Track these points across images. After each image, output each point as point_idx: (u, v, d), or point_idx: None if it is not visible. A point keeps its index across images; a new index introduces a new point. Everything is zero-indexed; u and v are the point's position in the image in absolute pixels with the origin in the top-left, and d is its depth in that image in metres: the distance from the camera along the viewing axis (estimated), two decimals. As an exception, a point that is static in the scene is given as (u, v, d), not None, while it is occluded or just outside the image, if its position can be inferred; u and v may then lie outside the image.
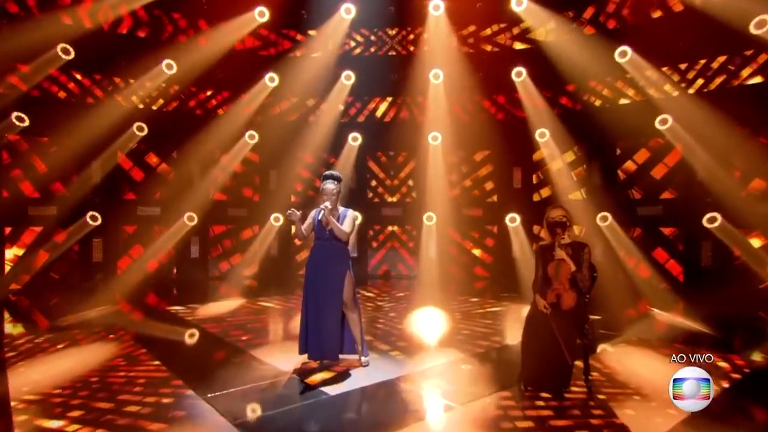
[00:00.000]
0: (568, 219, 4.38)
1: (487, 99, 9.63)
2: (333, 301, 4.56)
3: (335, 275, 4.54)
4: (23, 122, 7.97)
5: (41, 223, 8.17)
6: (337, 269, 4.55)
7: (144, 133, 8.82)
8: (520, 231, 9.31)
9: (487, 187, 9.87)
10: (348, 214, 4.70)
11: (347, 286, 4.57)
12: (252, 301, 8.12)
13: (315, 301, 4.56)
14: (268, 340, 5.94)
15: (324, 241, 4.62)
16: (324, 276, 4.55)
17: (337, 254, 4.60)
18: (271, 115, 9.79)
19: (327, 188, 4.55)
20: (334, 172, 4.67)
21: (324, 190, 4.58)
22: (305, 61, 9.48)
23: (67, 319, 6.65)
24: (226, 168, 9.45)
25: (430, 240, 9.42)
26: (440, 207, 9.43)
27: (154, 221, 9.03)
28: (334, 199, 4.59)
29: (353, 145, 9.74)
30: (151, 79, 8.76)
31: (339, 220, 4.65)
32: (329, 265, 4.56)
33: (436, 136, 9.36)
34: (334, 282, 4.54)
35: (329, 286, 4.53)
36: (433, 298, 8.14)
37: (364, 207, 9.83)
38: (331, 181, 4.57)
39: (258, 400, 4.01)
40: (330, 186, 4.54)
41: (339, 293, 4.52)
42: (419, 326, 6.56)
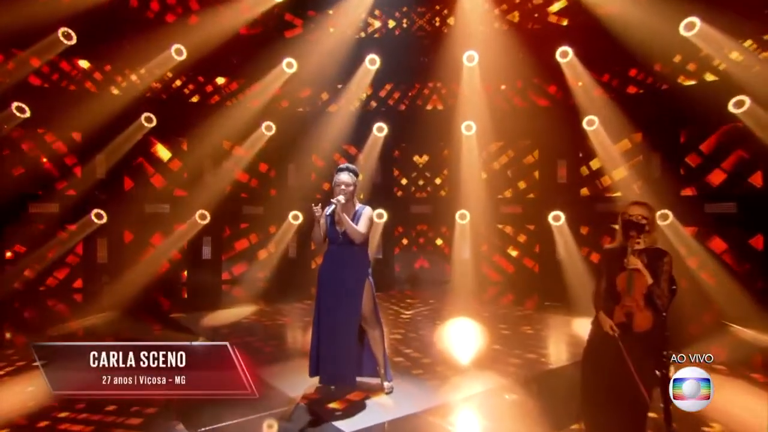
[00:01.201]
0: (649, 221, 3.53)
1: (527, 83, 8.97)
2: (350, 315, 4.02)
3: (352, 284, 4.02)
4: (24, 113, 7.66)
5: (42, 222, 7.92)
6: (354, 277, 4.03)
7: (153, 125, 8.48)
8: (564, 231, 8.60)
9: (527, 182, 9.23)
10: (364, 212, 4.15)
11: (366, 298, 4.04)
12: (266, 308, 7.75)
13: (329, 315, 4.04)
14: (279, 357, 5.41)
15: (338, 245, 4.08)
16: (339, 285, 4.03)
17: (354, 260, 4.07)
18: (289, 105, 9.35)
19: (340, 179, 4.06)
20: (350, 165, 4.18)
21: (337, 181, 4.07)
22: (325, 44, 8.95)
23: (67, 326, 6.39)
24: (240, 162, 9.04)
25: (463, 240, 8.92)
26: (474, 204, 8.88)
27: (163, 219, 8.71)
28: (350, 192, 4.06)
29: (378, 136, 9.21)
30: (160, 66, 8.40)
31: (354, 219, 4.09)
32: (345, 273, 4.05)
33: (470, 125, 8.81)
34: (351, 292, 4.03)
35: (345, 297, 4.02)
36: (467, 307, 7.63)
37: (390, 204, 9.35)
38: (347, 172, 4.07)
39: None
40: (344, 177, 4.05)
41: (356, 306, 4.01)
42: (452, 342, 6.01)
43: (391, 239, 9.63)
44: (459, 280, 8.78)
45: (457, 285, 8.71)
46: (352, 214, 4.13)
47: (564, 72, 8.39)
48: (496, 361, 5.16)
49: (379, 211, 9.05)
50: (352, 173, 4.12)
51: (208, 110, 8.79)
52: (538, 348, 5.68)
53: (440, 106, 9.40)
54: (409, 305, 7.96)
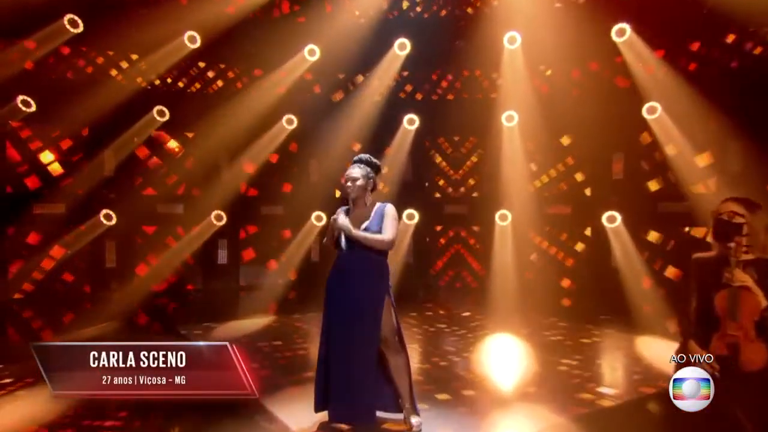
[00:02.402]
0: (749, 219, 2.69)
1: (577, 66, 8.32)
2: (366, 338, 3.40)
3: (369, 299, 3.40)
4: (29, 107, 7.46)
5: (48, 223, 7.72)
6: (371, 290, 3.42)
7: (165, 119, 8.22)
8: (622, 233, 7.88)
9: (577, 178, 8.58)
10: (387, 212, 3.50)
11: (387, 315, 3.41)
12: (284, 319, 7.29)
13: (340, 337, 3.43)
14: (291, 380, 4.74)
15: (351, 250, 3.43)
16: (352, 300, 3.41)
17: (371, 268, 3.45)
18: (311, 95, 9.03)
19: (349, 174, 3.50)
20: (364, 156, 3.58)
21: (346, 176, 3.50)
22: (350, 27, 8.46)
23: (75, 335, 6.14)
24: (258, 158, 8.75)
25: (503, 244, 8.40)
26: (517, 203, 8.38)
27: (176, 221, 8.45)
28: (359, 189, 3.48)
29: (409, 129, 8.81)
30: (172, 55, 8.08)
31: (371, 220, 3.48)
32: (360, 285, 3.42)
33: (512, 115, 8.32)
34: (368, 309, 3.40)
35: (360, 315, 3.40)
36: (508, 320, 7.00)
37: (422, 204, 8.96)
38: (357, 165, 3.51)
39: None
40: (355, 172, 3.48)
41: (374, 326, 3.38)
42: (493, 363, 5.36)
43: (423, 243, 9.22)
44: (498, 289, 8.19)
45: (497, 294, 8.12)
46: (366, 215, 3.52)
47: (621, 52, 7.66)
48: (544, 389, 4.43)
49: (410, 211, 8.68)
50: (365, 165, 3.52)
51: (224, 102, 8.52)
52: (594, 374, 4.90)
53: (478, 95, 9.00)
54: (439, 317, 7.43)
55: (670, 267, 7.64)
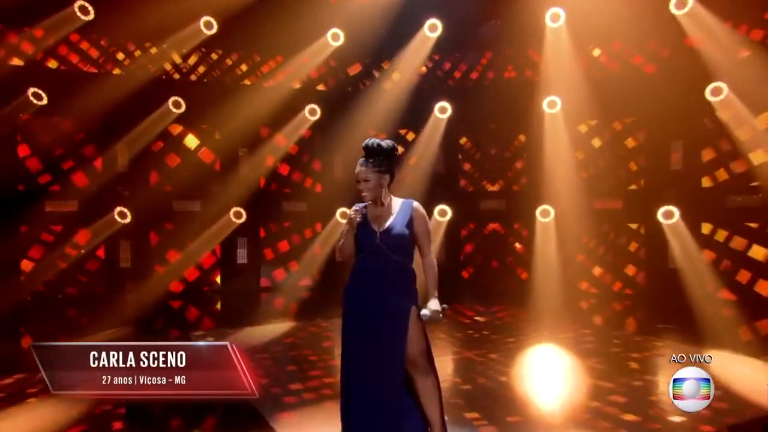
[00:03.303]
0: None
1: (630, 45, 7.84)
2: (391, 357, 3.04)
3: (394, 313, 3.03)
4: (41, 100, 7.27)
5: (61, 222, 7.56)
6: (397, 303, 3.04)
7: (181, 110, 7.99)
8: (681, 231, 7.34)
9: (629, 170, 8.10)
10: (417, 215, 3.13)
11: (414, 331, 3.03)
12: (307, 325, 7.05)
13: (363, 356, 3.07)
14: (308, 397, 4.41)
15: (374, 255, 3.07)
16: (376, 315, 3.05)
17: (398, 277, 3.08)
18: (335, 83, 8.85)
19: (359, 175, 3.09)
20: (372, 143, 3.07)
21: (356, 176, 3.10)
22: (376, 8, 8.09)
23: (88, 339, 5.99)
24: (279, 151, 8.57)
25: (546, 243, 8.12)
26: (561, 197, 8.05)
27: (193, 218, 8.22)
28: (373, 189, 3.07)
29: (440, 118, 8.61)
30: (187, 42, 7.89)
31: (396, 218, 3.10)
32: (385, 296, 3.05)
33: (555, 101, 8.03)
34: (393, 325, 3.04)
35: (385, 332, 3.04)
36: (552, 330, 6.60)
37: (455, 198, 8.75)
38: (367, 160, 3.06)
39: None
40: (363, 171, 3.07)
41: (400, 344, 3.02)
42: (537, 380, 4.91)
43: (457, 242, 8.96)
44: (540, 294, 7.85)
45: (539, 299, 7.78)
46: (387, 214, 3.12)
47: (681, 25, 7.07)
48: (597, 414, 3.88)
49: (442, 207, 8.45)
50: (375, 157, 3.04)
51: (242, 92, 8.32)
52: (660, 398, 4.26)
53: (517, 79, 8.71)
54: (473, 325, 7.06)
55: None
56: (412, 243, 3.06)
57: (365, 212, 3.07)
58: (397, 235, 3.01)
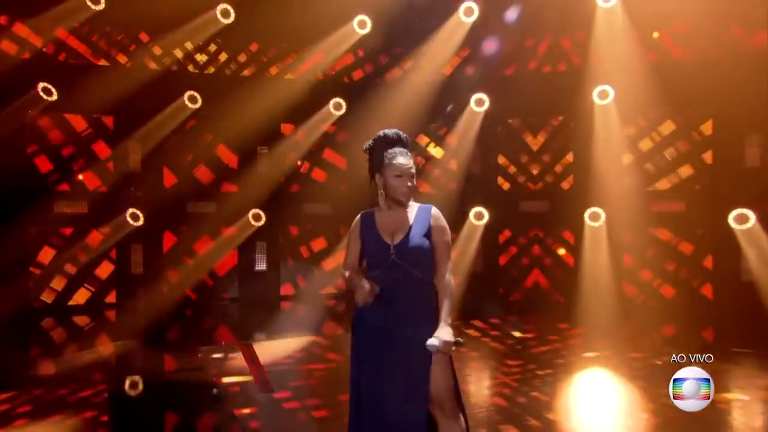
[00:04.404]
0: None
1: (695, 25, 7.45)
2: (412, 398, 2.65)
3: (415, 345, 2.61)
4: (51, 95, 7.21)
5: (71, 224, 7.50)
6: (418, 332, 2.62)
7: (198, 105, 7.89)
8: (757, 237, 6.86)
9: (694, 168, 7.76)
10: (434, 221, 2.77)
11: (440, 368, 2.62)
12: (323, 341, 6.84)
13: (377, 394, 2.71)
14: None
15: (389, 271, 2.69)
16: (393, 347, 2.68)
17: (417, 298, 2.68)
18: (362, 74, 8.68)
19: (406, 166, 2.71)
20: (390, 131, 2.76)
21: (402, 169, 2.69)
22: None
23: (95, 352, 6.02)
24: (301, 149, 8.45)
25: (595, 250, 7.78)
26: (613, 199, 7.68)
27: (208, 221, 8.11)
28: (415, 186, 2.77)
29: (477, 111, 8.28)
30: (204, 32, 7.79)
31: (414, 228, 2.74)
32: (402, 325, 2.66)
33: (606, 91, 7.70)
34: (413, 357, 2.63)
35: (404, 368, 2.66)
36: (604, 352, 6.02)
37: (492, 200, 8.51)
38: (404, 150, 2.74)
39: None
40: (411, 162, 2.74)
41: (421, 382, 2.62)
42: (590, 416, 4.32)
43: (494, 248, 8.70)
44: (590, 308, 7.39)
45: (588, 315, 7.29)
46: (402, 221, 2.75)
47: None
48: None
49: (479, 209, 8.20)
50: (407, 145, 2.77)
51: (262, 85, 8.23)
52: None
53: (563, 67, 8.43)
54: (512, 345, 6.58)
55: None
56: (432, 255, 2.65)
57: (373, 219, 2.70)
58: (415, 248, 2.61)
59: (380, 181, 2.63)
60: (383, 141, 2.70)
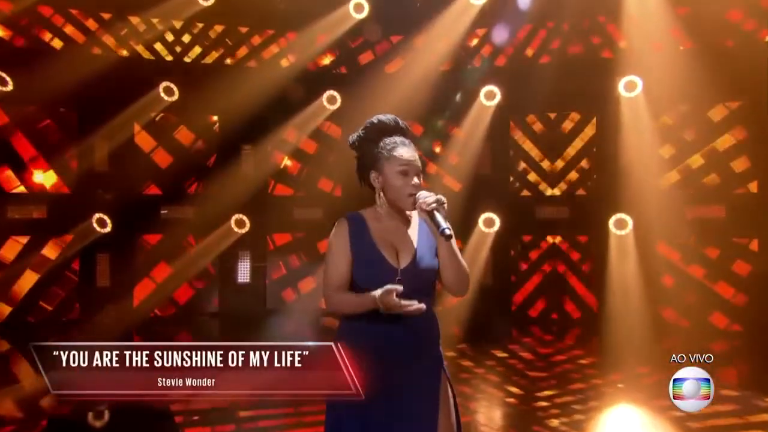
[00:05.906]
0: None
1: (734, 8, 7.12)
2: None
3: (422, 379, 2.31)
4: (6, 86, 6.92)
5: (28, 231, 7.22)
6: (425, 363, 2.32)
7: (174, 98, 7.64)
8: None
9: (735, 168, 7.46)
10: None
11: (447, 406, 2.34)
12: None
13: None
14: None
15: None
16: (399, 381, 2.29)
17: (427, 333, 2.33)
18: (359, 65, 8.48)
19: (413, 160, 2.29)
20: (386, 117, 2.32)
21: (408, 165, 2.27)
22: None
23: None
24: (290, 147, 8.32)
25: (622, 261, 7.53)
26: (642, 204, 7.42)
27: (185, 227, 7.92)
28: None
29: (487, 106, 8.07)
30: (181, 15, 7.56)
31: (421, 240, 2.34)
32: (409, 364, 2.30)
33: (634, 82, 7.48)
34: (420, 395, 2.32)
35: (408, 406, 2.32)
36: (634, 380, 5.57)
37: (504, 205, 8.28)
38: (404, 140, 2.32)
39: None
40: (416, 155, 2.34)
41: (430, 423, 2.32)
42: None
43: (506, 258, 8.48)
44: (616, 327, 7.01)
45: (613, 335, 6.92)
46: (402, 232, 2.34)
47: None
48: None
49: (489, 215, 8.01)
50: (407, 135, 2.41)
51: (245, 76, 7.97)
52: None
53: (585, 55, 8.19)
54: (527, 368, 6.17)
55: None
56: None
57: (365, 226, 2.24)
58: (427, 271, 2.19)
59: (378, 181, 2.15)
60: (377, 129, 2.24)
